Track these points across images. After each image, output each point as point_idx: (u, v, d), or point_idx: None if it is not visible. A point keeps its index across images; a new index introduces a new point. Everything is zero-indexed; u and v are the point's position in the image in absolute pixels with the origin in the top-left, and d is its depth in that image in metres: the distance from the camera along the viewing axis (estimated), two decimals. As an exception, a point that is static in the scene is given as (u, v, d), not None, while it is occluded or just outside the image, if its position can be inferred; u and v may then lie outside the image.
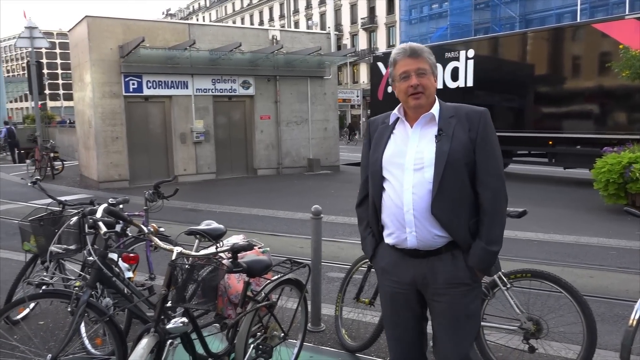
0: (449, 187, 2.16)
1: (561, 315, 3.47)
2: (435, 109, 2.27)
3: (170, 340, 2.65)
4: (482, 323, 3.33)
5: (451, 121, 2.23)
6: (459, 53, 15.35)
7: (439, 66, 15.65)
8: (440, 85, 15.70)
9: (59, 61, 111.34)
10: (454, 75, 15.42)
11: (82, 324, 3.46)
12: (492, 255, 2.22)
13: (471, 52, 15.12)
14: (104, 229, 2.90)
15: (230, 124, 16.21)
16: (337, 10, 51.40)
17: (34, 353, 3.24)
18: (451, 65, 15.46)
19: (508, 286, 3.26)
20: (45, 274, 4.04)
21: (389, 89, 17.27)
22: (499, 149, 2.27)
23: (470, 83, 15.10)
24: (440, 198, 2.16)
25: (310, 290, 4.08)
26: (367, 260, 3.93)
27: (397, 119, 2.35)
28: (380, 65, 17.67)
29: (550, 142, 13.72)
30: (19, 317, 4.28)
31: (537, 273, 3.29)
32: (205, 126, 15.32)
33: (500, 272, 3.27)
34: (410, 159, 2.22)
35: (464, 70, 15.22)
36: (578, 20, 28.26)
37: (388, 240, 2.33)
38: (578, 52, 13.54)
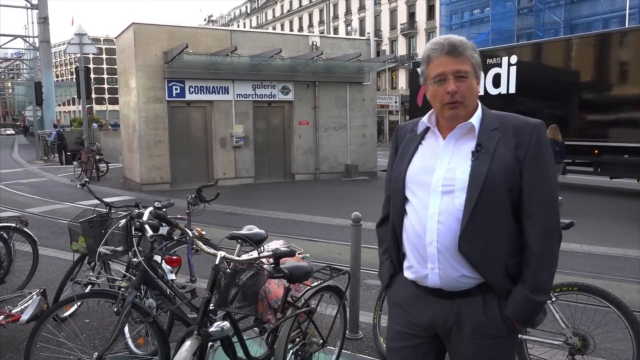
0: (484, 218, 1.74)
1: (609, 331, 3.37)
2: (476, 119, 1.83)
3: (210, 343, 2.69)
4: (526, 337, 3.26)
5: (494, 135, 1.80)
6: (501, 59, 15.08)
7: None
8: (481, 92, 15.47)
9: (105, 66, 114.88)
10: (496, 82, 15.16)
11: (126, 324, 3.55)
12: (536, 306, 1.80)
13: (514, 59, 14.83)
14: (150, 232, 2.98)
15: (269, 129, 16.39)
16: (377, 16, 51.27)
17: (80, 350, 3.34)
18: (493, 71, 15.20)
19: (553, 299, 3.17)
20: (91, 273, 4.17)
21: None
22: (554, 172, 1.84)
23: (512, 90, 14.81)
24: (471, 231, 1.74)
25: (349, 297, 4.07)
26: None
27: (427, 128, 1.94)
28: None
29: (596, 151, 13.32)
30: (66, 314, 4.42)
31: (584, 287, 3.20)
32: (244, 131, 15.53)
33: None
34: (439, 179, 1.81)
35: (506, 76, 14.94)
36: (627, 25, 27.36)
37: (407, 273, 1.95)
38: (626, 58, 13.10)
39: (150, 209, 3.31)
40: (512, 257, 1.80)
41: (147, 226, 3.01)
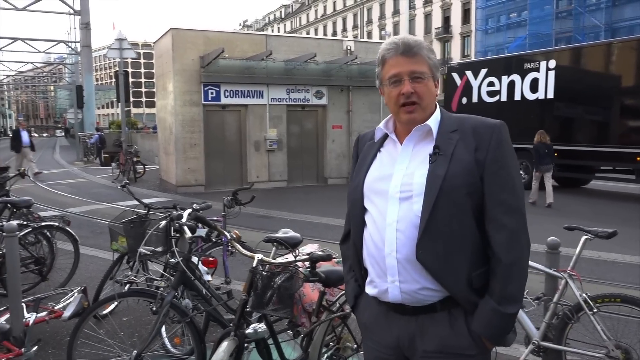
0: (444, 224, 1.63)
1: (653, 345, 3.26)
2: (434, 121, 1.75)
3: (245, 345, 2.72)
4: (565, 348, 3.19)
5: (452, 137, 1.71)
6: (539, 64, 14.79)
7: (517, 77, 15.17)
8: (518, 97, 15.21)
9: (142, 70, 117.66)
10: (533, 87, 14.86)
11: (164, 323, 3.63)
12: (506, 320, 1.67)
13: (552, 63, 14.51)
14: (189, 233, 3.04)
15: (302, 133, 16.47)
16: (411, 20, 51.01)
17: (119, 347, 3.43)
18: (530, 76, 14.91)
19: (594, 310, 3.10)
20: (130, 273, 4.27)
21: (464, 100, 16.95)
22: (518, 175, 1.74)
23: (550, 95, 14.49)
24: (429, 237, 1.64)
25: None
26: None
27: (386, 135, 1.86)
28: (455, 76, 17.35)
29: (638, 158, 12.90)
30: (105, 312, 4.54)
31: (628, 298, 3.11)
32: (278, 135, 15.66)
33: (585, 295, 3.12)
34: (396, 185, 1.72)
35: (544, 81, 14.64)
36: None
37: (368, 289, 1.83)
38: (672, 62, 12.68)
39: (189, 210, 3.37)
40: (477, 267, 1.68)
41: (186, 228, 3.07)
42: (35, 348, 3.75)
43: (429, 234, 1.63)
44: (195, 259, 3.63)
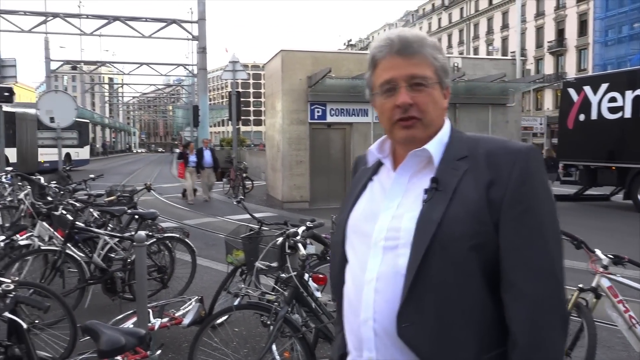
0: (437, 289, 1.18)
1: None
2: (437, 143, 1.30)
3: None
4: None
5: (459, 166, 1.25)
6: (670, 77, 13.53)
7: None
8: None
9: (251, 90, 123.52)
10: (664, 104, 13.61)
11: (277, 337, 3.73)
12: None
13: (686, 76, 13.23)
14: (303, 250, 3.11)
15: (406, 151, 16.29)
16: (522, 34, 48.97)
17: (233, 357, 3.58)
18: (661, 92, 13.68)
19: None
20: (243, 285, 4.45)
21: (581, 117, 15.88)
22: (553, 223, 1.22)
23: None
24: (415, 307, 1.18)
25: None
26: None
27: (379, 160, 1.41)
28: (571, 91, 16.33)
29: None
30: (219, 321, 4.76)
31: None
32: (382, 153, 15.62)
33: None
34: (381, 229, 1.26)
35: (677, 97, 13.36)
36: None
37: None
38: None
39: (303, 228, 3.46)
40: (488, 349, 1.20)
41: (300, 245, 3.15)
42: (159, 352, 4.01)
43: (416, 301, 1.18)
44: (306, 276, 3.71)
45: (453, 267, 1.17)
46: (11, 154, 23.15)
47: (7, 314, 2.53)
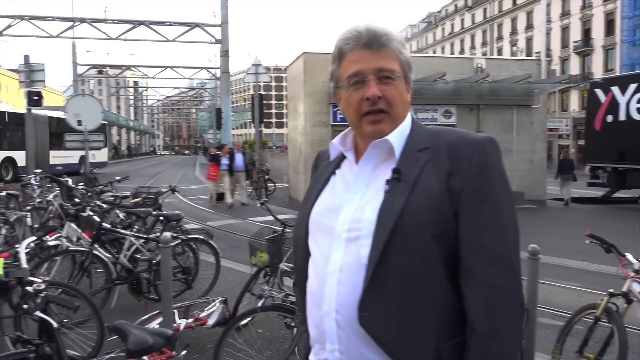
0: (399, 277, 1.19)
1: None
2: (398, 135, 1.32)
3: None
4: None
5: (420, 157, 1.27)
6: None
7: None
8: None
9: (273, 93, 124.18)
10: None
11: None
12: None
13: None
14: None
15: (429, 153, 16.21)
16: (547, 34, 48.27)
17: (257, 359, 3.59)
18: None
19: None
20: (266, 287, 4.47)
21: (609, 118, 15.58)
22: (510, 211, 1.27)
23: None
24: (377, 296, 1.19)
25: (525, 336, 3.81)
26: (593, 310, 3.56)
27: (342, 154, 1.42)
28: (599, 92, 16.06)
29: None
30: (243, 322, 4.78)
31: None
32: (404, 155, 15.56)
33: None
34: (344, 221, 1.28)
35: None
36: None
37: (311, 356, 1.37)
38: None
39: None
40: (449, 337, 1.21)
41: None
42: (184, 352, 4.04)
43: (378, 291, 1.19)
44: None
45: (414, 256, 1.19)
46: (20, 156, 22.51)
47: (38, 313, 2.58)
